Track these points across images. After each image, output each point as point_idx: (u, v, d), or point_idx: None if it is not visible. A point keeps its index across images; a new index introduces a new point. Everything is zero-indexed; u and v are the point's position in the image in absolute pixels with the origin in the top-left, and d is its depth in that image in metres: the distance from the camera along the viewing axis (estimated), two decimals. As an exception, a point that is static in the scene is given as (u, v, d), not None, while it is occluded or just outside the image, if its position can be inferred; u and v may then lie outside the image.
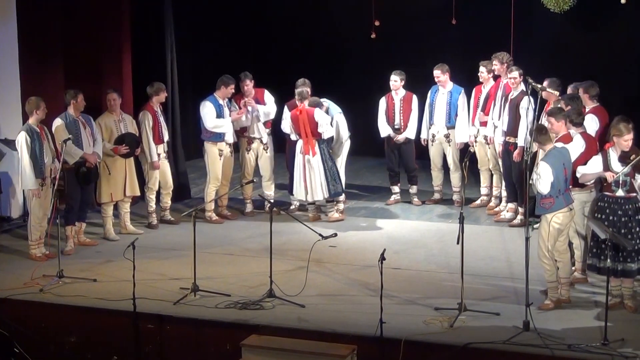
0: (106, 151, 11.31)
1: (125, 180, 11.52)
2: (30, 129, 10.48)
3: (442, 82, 12.48)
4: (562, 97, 10.17)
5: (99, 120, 11.37)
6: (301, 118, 11.83)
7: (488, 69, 12.05)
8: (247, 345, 8.37)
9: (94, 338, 9.16)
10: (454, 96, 12.47)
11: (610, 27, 13.67)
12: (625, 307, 8.85)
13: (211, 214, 12.22)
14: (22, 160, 10.47)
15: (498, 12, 12.75)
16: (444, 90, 12.52)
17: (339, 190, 12.09)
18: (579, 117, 9.40)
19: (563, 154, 8.84)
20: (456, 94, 12.47)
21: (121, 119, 11.52)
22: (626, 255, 8.65)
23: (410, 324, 8.56)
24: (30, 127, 10.51)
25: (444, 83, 12.48)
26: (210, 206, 12.18)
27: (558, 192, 8.69)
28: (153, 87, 11.87)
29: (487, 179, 12.55)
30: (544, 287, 9.19)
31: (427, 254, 10.76)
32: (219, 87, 12.14)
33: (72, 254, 10.86)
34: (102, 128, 11.32)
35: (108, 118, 11.45)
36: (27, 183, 10.51)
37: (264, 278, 9.46)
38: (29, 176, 10.45)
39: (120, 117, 11.51)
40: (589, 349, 7.90)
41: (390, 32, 13.67)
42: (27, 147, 10.41)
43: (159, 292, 9.50)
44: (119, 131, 11.43)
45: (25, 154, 10.42)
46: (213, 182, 12.20)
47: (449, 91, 12.50)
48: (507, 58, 11.84)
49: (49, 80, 12.33)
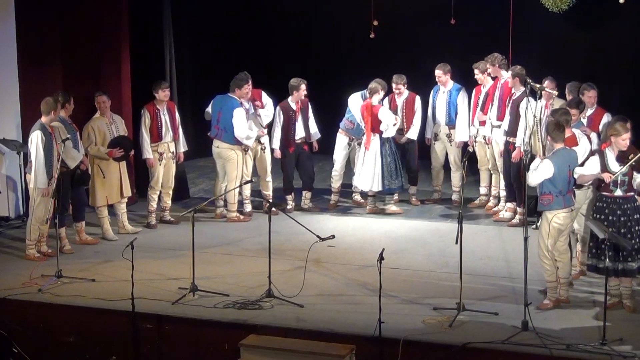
0: (100, 155, 11.29)
1: (120, 182, 11.51)
2: (44, 128, 10.46)
3: (442, 81, 12.50)
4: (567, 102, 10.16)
5: (90, 124, 11.33)
6: (367, 112, 12.03)
7: (481, 69, 12.08)
8: (246, 345, 8.37)
9: (93, 338, 9.16)
10: (453, 95, 12.49)
11: (609, 27, 13.67)
12: (624, 307, 8.85)
13: (237, 214, 12.24)
14: (37, 158, 10.40)
15: (497, 12, 12.74)
16: (445, 89, 12.55)
17: (394, 187, 12.31)
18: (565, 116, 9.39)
19: (571, 155, 8.86)
20: (455, 93, 12.49)
21: (112, 120, 11.50)
22: (626, 255, 8.64)
23: (409, 324, 8.57)
24: (44, 126, 10.49)
25: (444, 82, 12.50)
26: (234, 206, 12.21)
27: (559, 192, 8.69)
28: (154, 85, 11.88)
29: (487, 178, 12.56)
30: (542, 287, 9.20)
31: (426, 254, 10.76)
32: (233, 90, 12.08)
33: (71, 253, 10.84)
34: (95, 131, 11.29)
35: (100, 121, 11.40)
36: (40, 181, 10.46)
37: (262, 278, 9.46)
38: (42, 175, 10.43)
39: (111, 119, 11.49)
40: (587, 349, 7.90)
41: (389, 31, 13.65)
42: (42, 145, 10.38)
43: (157, 292, 9.50)
44: (111, 134, 11.40)
45: (40, 153, 10.38)
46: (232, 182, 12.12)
47: (449, 90, 12.52)
48: (500, 59, 11.85)
49: (47, 81, 12.33)
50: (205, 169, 15.20)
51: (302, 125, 12.48)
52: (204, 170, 15.17)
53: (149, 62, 13.23)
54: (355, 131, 12.63)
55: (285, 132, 12.38)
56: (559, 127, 8.83)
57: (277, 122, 12.40)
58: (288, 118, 12.36)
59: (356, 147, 12.76)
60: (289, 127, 12.39)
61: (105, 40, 12.85)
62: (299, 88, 12.31)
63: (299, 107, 12.43)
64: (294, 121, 12.40)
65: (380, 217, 12.34)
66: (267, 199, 11.95)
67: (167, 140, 11.96)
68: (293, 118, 12.38)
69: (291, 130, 12.43)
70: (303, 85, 12.34)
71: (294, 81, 12.36)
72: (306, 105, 12.56)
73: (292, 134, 12.43)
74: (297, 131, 12.46)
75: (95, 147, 11.25)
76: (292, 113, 12.38)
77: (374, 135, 12.10)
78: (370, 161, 12.15)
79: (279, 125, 12.38)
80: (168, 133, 11.97)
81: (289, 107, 12.39)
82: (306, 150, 12.66)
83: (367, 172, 12.18)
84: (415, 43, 14.75)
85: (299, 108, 12.42)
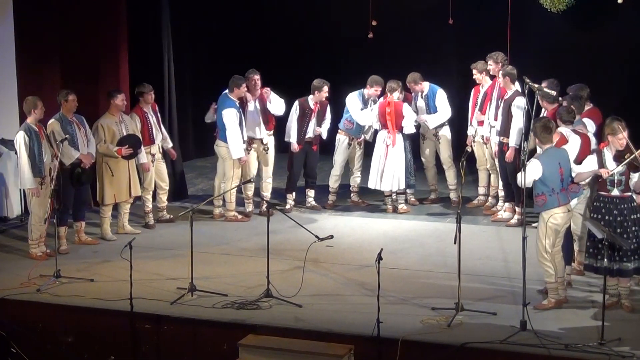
0: (109, 153, 11.31)
1: (129, 181, 11.53)
2: (29, 129, 10.49)
3: (418, 89, 12.52)
4: (565, 98, 10.17)
5: (100, 122, 11.37)
6: (390, 110, 12.02)
7: (479, 69, 12.09)
8: (244, 345, 8.37)
9: (91, 338, 9.16)
10: (430, 98, 12.51)
11: (607, 27, 13.68)
12: (622, 307, 8.85)
13: (235, 213, 12.23)
14: (21, 159, 10.48)
15: (495, 12, 12.74)
16: (423, 93, 12.57)
17: (412, 183, 12.49)
18: (568, 115, 9.43)
19: (560, 153, 8.86)
20: (432, 95, 12.51)
21: (121, 119, 11.52)
22: (622, 255, 8.65)
23: (407, 324, 8.57)
24: (28, 126, 10.51)
25: (420, 89, 12.50)
26: (232, 205, 12.21)
27: (552, 191, 8.70)
28: (138, 88, 11.88)
29: (485, 178, 12.57)
30: (541, 287, 9.21)
31: (424, 254, 10.77)
32: (232, 89, 12.06)
33: (66, 253, 10.84)
34: (104, 129, 11.32)
35: (109, 119, 11.43)
36: (25, 182, 10.52)
37: (261, 278, 9.47)
38: (28, 176, 10.46)
39: (120, 118, 11.51)
40: (586, 349, 7.91)
41: (387, 32, 13.66)
42: (25, 146, 10.41)
43: (156, 292, 9.50)
44: (121, 132, 11.43)
45: (23, 154, 10.43)
46: (228, 181, 12.14)
47: (425, 94, 12.55)
48: (502, 58, 11.86)
49: (46, 80, 12.33)
50: (203, 169, 15.21)
51: (315, 126, 12.49)
52: (203, 170, 15.18)
53: (147, 62, 13.24)
54: (355, 131, 12.65)
55: (298, 127, 12.38)
56: (546, 129, 8.84)
57: (293, 117, 12.38)
58: (303, 115, 12.35)
59: (356, 146, 12.77)
60: (302, 124, 12.38)
61: (104, 40, 12.84)
62: (321, 89, 12.31)
63: (316, 108, 12.43)
64: (308, 120, 12.40)
65: (379, 217, 12.34)
66: (265, 199, 11.93)
67: (158, 141, 11.98)
68: (308, 116, 12.38)
69: (303, 128, 12.43)
70: (326, 87, 12.34)
71: (317, 82, 12.36)
72: (324, 108, 12.55)
73: (303, 132, 12.43)
74: (308, 130, 12.47)
75: (105, 145, 11.26)
76: (308, 111, 12.37)
77: (397, 132, 12.15)
78: (395, 159, 12.14)
79: (295, 119, 12.36)
80: (158, 134, 11.99)
81: (307, 105, 12.37)
82: (315, 150, 12.67)
83: (390, 171, 12.15)
84: (413, 43, 14.74)
85: (316, 108, 12.43)
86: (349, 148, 12.76)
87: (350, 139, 12.73)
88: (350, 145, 12.76)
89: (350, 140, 12.74)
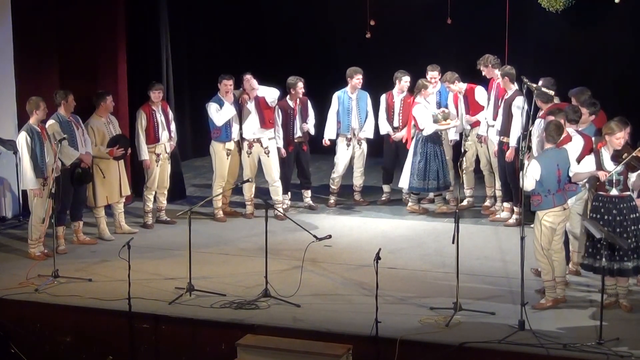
0: (101, 154, 11.29)
1: (120, 181, 11.53)
2: (31, 129, 10.47)
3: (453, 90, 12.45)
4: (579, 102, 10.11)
5: (90, 124, 11.34)
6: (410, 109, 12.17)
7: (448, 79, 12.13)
8: (243, 345, 8.37)
9: (89, 338, 9.16)
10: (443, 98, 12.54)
11: (605, 27, 13.68)
12: (621, 307, 8.86)
13: (218, 211, 12.25)
14: (23, 160, 10.46)
15: (493, 12, 12.75)
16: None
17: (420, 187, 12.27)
18: (574, 115, 9.42)
19: (560, 154, 8.85)
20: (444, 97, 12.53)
21: (109, 120, 11.51)
22: (622, 254, 8.66)
23: (405, 324, 8.57)
24: (31, 127, 10.49)
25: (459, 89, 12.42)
26: (217, 204, 12.21)
27: (547, 192, 8.71)
28: (149, 86, 11.89)
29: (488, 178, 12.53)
30: (539, 287, 9.21)
31: (423, 254, 10.77)
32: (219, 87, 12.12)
33: (65, 253, 10.83)
34: (94, 131, 11.29)
35: (98, 121, 11.40)
36: (27, 183, 10.50)
37: (259, 278, 9.47)
38: (30, 176, 10.44)
39: (108, 119, 11.50)
40: (584, 348, 7.91)
41: (386, 31, 13.67)
42: (27, 147, 10.39)
43: (154, 291, 9.50)
44: (110, 133, 11.41)
45: (25, 154, 10.41)
46: (219, 180, 12.17)
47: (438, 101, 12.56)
48: (492, 59, 11.82)
49: (44, 80, 12.30)
50: (201, 168, 15.21)
51: (301, 124, 12.49)
52: (201, 170, 15.17)
53: (145, 62, 13.22)
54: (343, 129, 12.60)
55: (284, 131, 12.38)
56: (559, 129, 8.83)
57: (277, 121, 12.39)
58: (287, 116, 12.36)
59: (356, 146, 12.75)
60: (287, 125, 12.38)
61: (102, 40, 12.82)
62: (296, 86, 12.30)
63: (297, 106, 12.42)
64: (293, 119, 12.40)
65: (377, 217, 12.34)
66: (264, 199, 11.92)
67: (164, 140, 11.96)
68: (292, 116, 12.38)
69: (290, 128, 12.43)
70: (300, 84, 12.32)
71: (291, 79, 12.36)
72: (305, 104, 12.54)
73: (291, 132, 12.43)
74: (296, 130, 12.46)
75: (96, 147, 11.25)
76: (290, 111, 12.38)
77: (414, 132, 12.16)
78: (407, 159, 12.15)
79: (279, 124, 12.37)
80: (164, 133, 11.97)
81: (288, 105, 12.38)
82: (305, 150, 12.65)
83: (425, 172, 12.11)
84: (411, 43, 14.74)
85: (297, 107, 12.42)
86: (347, 148, 12.75)
87: (347, 139, 12.71)
88: (349, 146, 12.75)
89: (348, 141, 12.72)
